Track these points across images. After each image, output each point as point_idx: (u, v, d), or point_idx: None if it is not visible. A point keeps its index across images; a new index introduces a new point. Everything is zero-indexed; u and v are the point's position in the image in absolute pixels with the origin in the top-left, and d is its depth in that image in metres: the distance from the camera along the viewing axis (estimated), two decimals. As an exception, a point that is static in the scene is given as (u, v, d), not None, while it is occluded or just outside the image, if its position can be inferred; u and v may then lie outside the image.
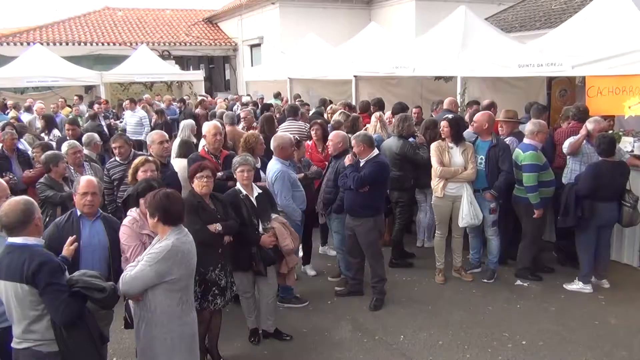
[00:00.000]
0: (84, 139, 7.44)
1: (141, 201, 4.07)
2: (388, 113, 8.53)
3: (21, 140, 8.24)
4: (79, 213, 4.02)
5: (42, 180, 5.71)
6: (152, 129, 11.24)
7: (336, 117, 8.15)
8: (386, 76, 11.68)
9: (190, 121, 8.77)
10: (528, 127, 6.26)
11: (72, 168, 6.13)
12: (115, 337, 4.81)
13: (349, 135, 6.23)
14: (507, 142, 6.50)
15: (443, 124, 6.30)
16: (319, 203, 6.32)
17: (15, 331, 3.21)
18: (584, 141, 6.25)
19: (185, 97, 16.64)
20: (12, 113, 12.65)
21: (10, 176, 6.50)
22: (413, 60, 10.27)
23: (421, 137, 6.91)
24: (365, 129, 7.31)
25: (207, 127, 6.27)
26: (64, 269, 3.27)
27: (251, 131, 7.10)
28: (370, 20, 17.82)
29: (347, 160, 5.74)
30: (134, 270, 3.49)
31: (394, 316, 5.68)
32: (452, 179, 6.19)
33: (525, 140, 6.24)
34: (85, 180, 4.10)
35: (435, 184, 6.30)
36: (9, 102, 15.46)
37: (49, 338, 3.17)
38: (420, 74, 10.72)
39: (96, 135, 7.69)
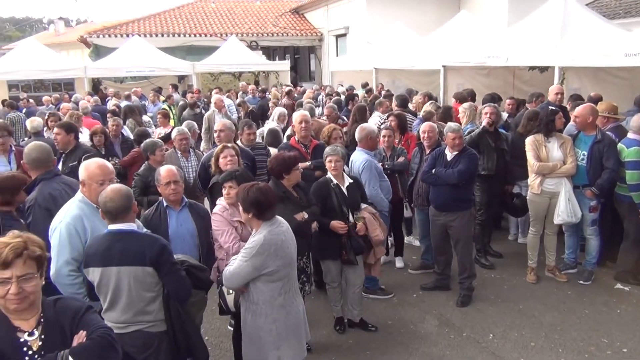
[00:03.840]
0: (184, 125, 7.77)
1: (223, 189, 4.19)
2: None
3: (124, 127, 8.75)
4: (165, 203, 4.12)
5: (139, 171, 5.87)
6: (239, 118, 11.61)
7: (427, 107, 7.99)
8: (476, 66, 11.33)
9: (282, 109, 8.96)
10: (635, 122, 5.83)
11: (178, 153, 6.41)
12: (207, 318, 5.00)
13: (441, 124, 6.12)
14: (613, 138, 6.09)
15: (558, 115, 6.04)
16: (417, 197, 6.26)
17: (121, 317, 3.25)
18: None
19: (274, 88, 16.92)
20: (113, 101, 13.44)
21: (116, 161, 6.91)
22: (506, 49, 9.87)
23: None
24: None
25: (295, 116, 6.37)
26: None
27: (332, 124, 7.11)
28: (460, 9, 17.29)
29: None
30: (232, 266, 3.59)
31: (482, 314, 5.53)
32: (550, 175, 5.90)
33: (630, 135, 5.83)
34: (166, 170, 4.17)
35: (532, 179, 6.04)
36: (110, 90, 16.51)
37: (160, 319, 3.32)
38: (513, 64, 10.30)
39: (194, 123, 8.01)
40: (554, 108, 6.30)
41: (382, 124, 7.66)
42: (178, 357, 3.47)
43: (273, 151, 6.30)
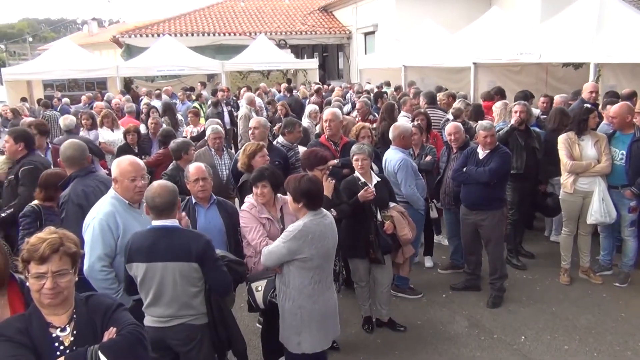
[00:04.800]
0: (207, 123, 7.82)
1: (254, 189, 4.20)
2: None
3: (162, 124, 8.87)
4: (194, 200, 4.18)
5: (167, 171, 5.83)
6: (268, 117, 11.62)
7: (457, 104, 7.88)
8: (508, 63, 11.13)
9: (314, 106, 8.97)
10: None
11: (212, 151, 6.46)
12: (235, 315, 5.01)
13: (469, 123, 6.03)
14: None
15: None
16: (444, 197, 6.21)
17: (165, 312, 3.33)
18: None
19: (302, 86, 16.92)
20: (145, 99, 13.64)
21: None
22: (539, 45, 9.67)
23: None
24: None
25: (324, 114, 6.35)
26: None
27: (361, 123, 7.07)
28: (491, 5, 17.04)
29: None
30: (272, 245, 3.70)
31: (513, 315, 5.42)
32: (583, 174, 5.76)
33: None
34: (195, 167, 4.23)
35: (565, 178, 5.90)
36: (143, 90, 16.77)
37: (202, 312, 3.40)
38: (546, 61, 10.09)
39: (218, 123, 8.04)
40: (588, 106, 6.14)
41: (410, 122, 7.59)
42: (218, 349, 3.56)
43: (301, 149, 6.30)
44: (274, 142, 6.55)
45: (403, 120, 7.95)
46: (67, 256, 2.26)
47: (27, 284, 2.30)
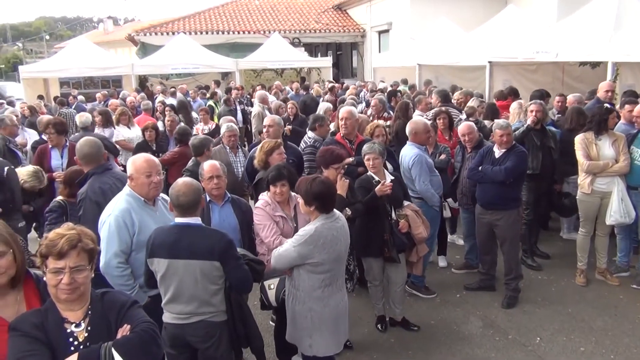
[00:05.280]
0: (221, 121, 7.84)
1: (272, 187, 4.20)
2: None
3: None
4: (208, 198, 4.17)
5: (188, 167, 5.86)
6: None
7: (470, 103, 7.84)
8: (524, 62, 11.04)
9: (328, 104, 8.95)
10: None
11: (227, 148, 6.48)
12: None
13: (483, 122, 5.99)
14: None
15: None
16: (461, 196, 6.18)
17: (185, 308, 3.34)
18: None
19: (316, 84, 16.89)
20: (160, 97, 13.72)
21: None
22: (556, 44, 9.58)
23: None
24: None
25: (340, 112, 6.34)
26: None
27: (376, 121, 7.05)
28: (507, 3, 16.88)
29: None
30: (282, 248, 3.66)
31: (529, 316, 5.37)
32: (601, 174, 5.69)
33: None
34: (209, 165, 4.22)
35: (582, 179, 5.83)
36: (157, 88, 16.88)
37: (221, 309, 3.42)
38: (563, 60, 9.98)
39: (232, 121, 8.07)
40: (608, 106, 6.05)
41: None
42: (236, 346, 3.58)
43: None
44: (305, 137, 6.60)
45: (419, 119, 7.93)
46: (85, 252, 2.28)
47: (44, 279, 2.32)
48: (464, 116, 7.68)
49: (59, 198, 4.68)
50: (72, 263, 2.23)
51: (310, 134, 6.63)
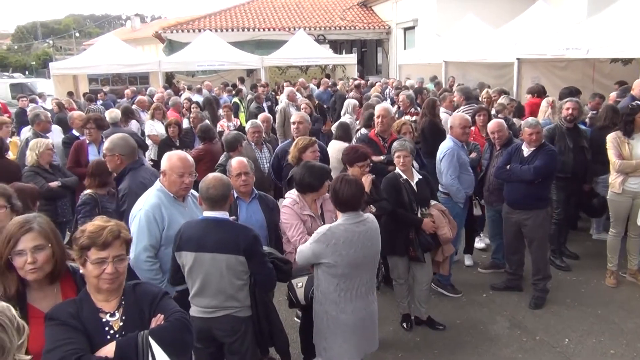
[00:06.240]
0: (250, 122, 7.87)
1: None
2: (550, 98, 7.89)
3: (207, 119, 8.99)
4: (236, 194, 4.18)
5: (221, 162, 5.88)
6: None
7: (500, 100, 7.72)
8: (553, 59, 10.83)
9: (354, 100, 8.93)
10: None
11: (252, 144, 6.52)
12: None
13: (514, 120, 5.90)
14: None
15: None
16: (488, 195, 6.11)
17: (211, 302, 3.39)
18: None
19: (340, 82, 16.84)
20: (186, 94, 13.85)
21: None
22: (587, 40, 9.37)
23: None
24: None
25: (376, 109, 6.31)
26: None
27: (403, 118, 7.02)
28: (536, 0, 16.58)
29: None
30: (303, 244, 3.68)
31: (557, 317, 5.29)
32: (633, 173, 5.56)
33: None
34: (237, 162, 4.25)
35: (613, 178, 5.71)
36: (182, 84, 17.04)
37: (247, 305, 3.44)
38: (595, 56, 9.77)
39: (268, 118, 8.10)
40: (633, 104, 5.88)
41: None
42: (261, 343, 3.60)
43: (339, 144, 6.31)
44: (359, 133, 6.66)
45: (445, 117, 7.87)
46: (125, 243, 2.39)
47: (81, 271, 2.38)
48: (493, 112, 7.58)
49: (89, 191, 4.76)
50: (115, 253, 2.32)
51: (363, 130, 6.75)
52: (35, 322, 2.28)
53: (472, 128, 6.87)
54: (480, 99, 9.32)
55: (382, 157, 5.66)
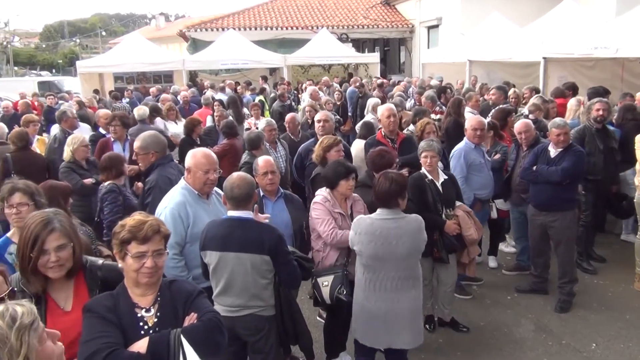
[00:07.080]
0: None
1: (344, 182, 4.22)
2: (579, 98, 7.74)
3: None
4: (262, 193, 4.21)
5: (246, 159, 5.91)
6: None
7: (533, 100, 7.55)
8: (581, 58, 10.64)
9: (377, 99, 8.90)
10: None
11: (267, 144, 6.54)
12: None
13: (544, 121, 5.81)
14: None
15: None
16: (515, 195, 6.02)
17: (235, 301, 3.40)
18: None
19: (364, 80, 16.76)
20: (209, 92, 13.94)
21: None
22: (616, 39, 9.17)
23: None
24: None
25: (381, 110, 6.27)
26: None
27: (426, 118, 6.95)
28: (563, -2, 16.32)
29: None
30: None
31: (584, 321, 5.20)
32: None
33: None
34: (264, 160, 4.26)
35: (640, 180, 5.59)
36: (206, 83, 17.16)
37: (271, 304, 3.46)
38: (624, 55, 9.55)
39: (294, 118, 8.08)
40: None
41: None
42: (284, 342, 3.61)
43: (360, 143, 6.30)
44: (404, 131, 6.70)
45: (468, 117, 7.78)
46: (164, 238, 2.43)
47: (119, 265, 2.42)
48: (526, 112, 7.44)
49: (108, 182, 4.83)
50: (155, 247, 2.36)
51: (411, 127, 6.82)
52: (54, 313, 2.44)
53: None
54: (507, 99, 9.20)
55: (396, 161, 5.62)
